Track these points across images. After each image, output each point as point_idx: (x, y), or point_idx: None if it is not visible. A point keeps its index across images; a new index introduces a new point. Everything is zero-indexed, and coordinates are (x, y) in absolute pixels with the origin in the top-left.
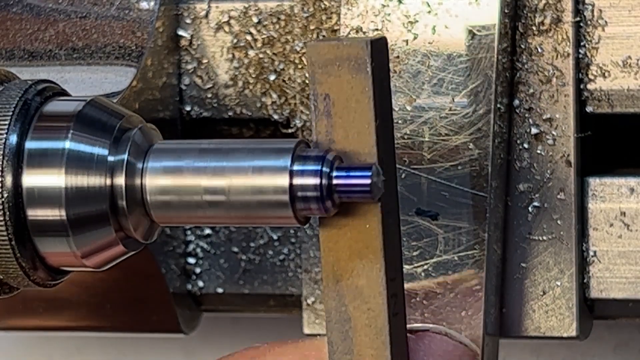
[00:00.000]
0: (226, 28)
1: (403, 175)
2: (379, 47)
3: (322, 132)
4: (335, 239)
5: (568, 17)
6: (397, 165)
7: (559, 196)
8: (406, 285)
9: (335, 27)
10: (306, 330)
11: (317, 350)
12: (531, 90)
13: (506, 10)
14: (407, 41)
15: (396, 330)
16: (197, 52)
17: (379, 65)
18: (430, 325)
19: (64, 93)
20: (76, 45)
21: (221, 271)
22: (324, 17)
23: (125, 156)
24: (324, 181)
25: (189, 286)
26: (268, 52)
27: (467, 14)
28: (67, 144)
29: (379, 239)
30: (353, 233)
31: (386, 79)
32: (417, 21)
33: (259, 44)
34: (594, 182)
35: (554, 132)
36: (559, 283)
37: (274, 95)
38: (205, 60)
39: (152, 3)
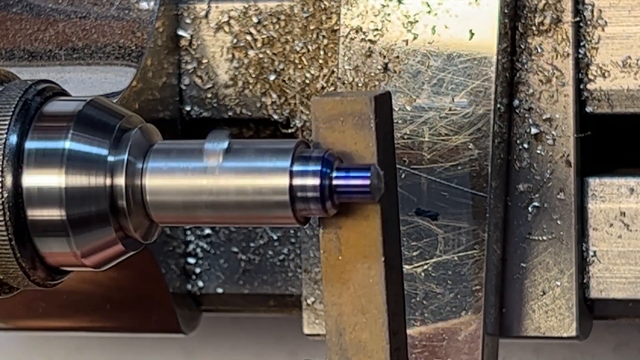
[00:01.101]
0: (226, 28)
1: (403, 175)
2: (382, 102)
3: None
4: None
5: (568, 17)
6: (397, 165)
7: (558, 196)
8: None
9: (335, 27)
10: (306, 331)
11: None
12: (531, 90)
13: (506, 10)
14: (407, 41)
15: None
16: (197, 52)
17: (383, 120)
18: None
19: (64, 93)
20: (76, 45)
21: (221, 271)
22: (324, 17)
23: (125, 156)
24: (324, 182)
25: (189, 286)
26: (268, 52)
27: (467, 14)
28: (67, 144)
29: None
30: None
31: (390, 133)
32: (417, 21)
33: (258, 44)
34: (594, 182)
35: (553, 132)
36: (558, 283)
37: (274, 95)
38: (205, 60)
39: (152, 3)
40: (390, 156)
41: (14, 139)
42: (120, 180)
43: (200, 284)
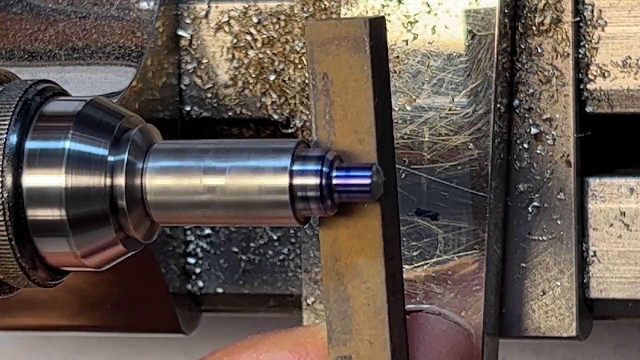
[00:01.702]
0: (226, 28)
1: (403, 175)
2: (377, 26)
3: (320, 110)
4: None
5: (568, 17)
6: (397, 165)
7: (558, 196)
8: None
9: None
10: None
11: (312, 336)
12: (531, 90)
13: (506, 10)
14: (407, 41)
15: (395, 310)
16: (197, 52)
17: (378, 44)
18: (425, 306)
19: (64, 93)
20: (76, 45)
21: (221, 271)
22: (324, 17)
23: (125, 156)
24: (324, 181)
25: (189, 286)
26: (268, 52)
27: (467, 14)
28: (67, 144)
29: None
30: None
31: (384, 58)
32: (417, 21)
33: (258, 44)
34: (594, 182)
35: (553, 132)
36: (558, 283)
37: (274, 95)
38: (205, 60)
39: (152, 3)
40: (386, 84)
41: (14, 139)
42: (120, 180)
43: (200, 284)
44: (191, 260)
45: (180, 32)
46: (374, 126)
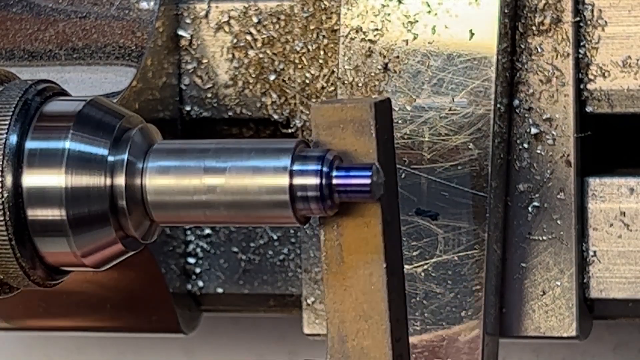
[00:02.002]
0: (226, 28)
1: (403, 175)
2: (382, 109)
3: None
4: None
5: (568, 17)
6: (397, 165)
7: (558, 196)
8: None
9: (335, 27)
10: (306, 331)
11: None
12: (531, 90)
13: (506, 10)
14: (407, 41)
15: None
16: (197, 52)
17: (383, 127)
18: None
19: (64, 93)
20: (76, 45)
21: (221, 271)
22: (324, 17)
23: (125, 156)
24: (324, 181)
25: (189, 286)
26: (268, 52)
27: (467, 14)
28: (67, 144)
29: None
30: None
31: (390, 140)
32: (417, 21)
33: (259, 44)
34: (594, 182)
35: (553, 132)
36: (558, 283)
37: (274, 95)
38: (205, 60)
39: (152, 3)
40: (391, 159)
41: (14, 138)
42: (120, 180)
43: (200, 284)
44: (191, 260)
45: (180, 32)
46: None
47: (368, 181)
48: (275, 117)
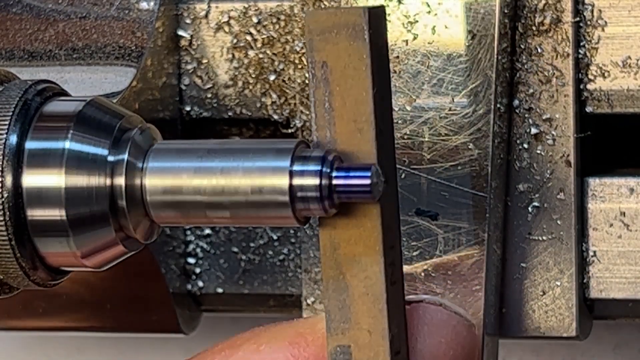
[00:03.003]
0: (226, 28)
1: (403, 175)
2: (376, 15)
3: (319, 99)
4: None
5: (568, 17)
6: (397, 165)
7: (558, 196)
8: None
9: None
10: None
11: (311, 327)
12: (531, 90)
13: (506, 11)
14: (407, 41)
15: (394, 299)
16: (197, 52)
17: (377, 33)
18: (425, 296)
19: (64, 93)
20: (76, 45)
21: (221, 271)
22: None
23: (125, 156)
24: (324, 181)
25: (189, 286)
26: (268, 52)
27: (467, 14)
28: (67, 144)
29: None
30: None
31: (384, 46)
32: (417, 21)
33: (258, 44)
34: (594, 182)
35: (553, 132)
36: (558, 283)
37: (274, 96)
38: (205, 61)
39: (152, 3)
40: (385, 73)
41: (14, 139)
42: (121, 180)
43: (200, 284)
44: (191, 260)
45: (180, 32)
46: (373, 114)
47: (368, 182)
48: (275, 117)
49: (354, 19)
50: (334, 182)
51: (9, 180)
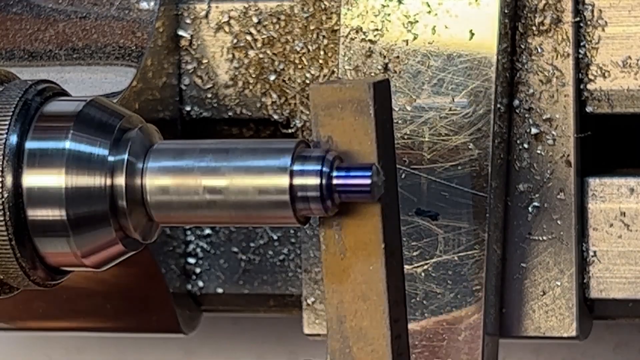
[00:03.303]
0: (226, 28)
1: (403, 175)
2: (381, 89)
3: None
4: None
5: (568, 17)
6: (397, 165)
7: (558, 196)
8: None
9: (335, 27)
10: (306, 331)
11: None
12: (531, 90)
13: (506, 10)
14: (407, 41)
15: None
16: (197, 52)
17: (382, 107)
18: None
19: (64, 93)
20: (76, 45)
21: (221, 271)
22: (324, 17)
23: (126, 156)
24: (324, 181)
25: (189, 286)
26: (268, 52)
27: (467, 14)
28: (67, 144)
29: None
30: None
31: (389, 120)
32: (417, 21)
33: (259, 44)
34: (594, 182)
35: (554, 132)
36: (558, 283)
37: (274, 95)
38: (205, 61)
39: (152, 3)
40: (390, 148)
41: (14, 139)
42: (121, 180)
43: (200, 284)
44: (191, 260)
45: (181, 32)
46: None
47: (368, 181)
48: (275, 117)
49: (358, 94)
50: (334, 181)
51: (9, 180)
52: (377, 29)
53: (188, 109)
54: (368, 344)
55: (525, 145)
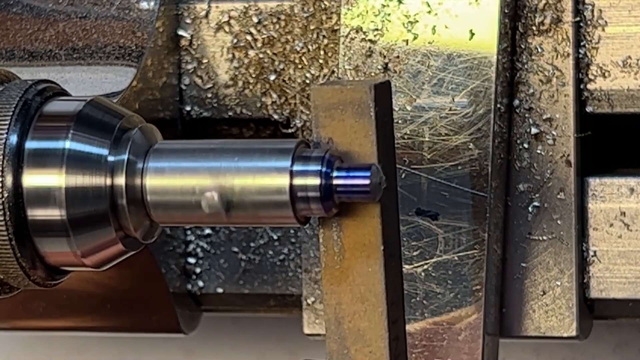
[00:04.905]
0: (226, 28)
1: (403, 175)
2: (382, 91)
3: None
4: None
5: (568, 17)
6: (397, 165)
7: (559, 196)
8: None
9: (336, 27)
10: (306, 331)
11: None
12: (531, 90)
13: (506, 10)
14: (407, 41)
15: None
16: (197, 52)
17: (382, 109)
18: None
19: (64, 93)
20: (76, 45)
21: (221, 271)
22: (324, 17)
23: (126, 156)
24: (324, 181)
25: (189, 286)
26: (268, 52)
27: (467, 14)
28: (68, 144)
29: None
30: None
31: (389, 122)
32: (417, 21)
33: (259, 44)
34: (594, 182)
35: (554, 132)
36: (559, 283)
37: (274, 95)
38: (205, 60)
39: (152, 3)
40: (390, 149)
41: (14, 138)
42: (121, 180)
43: (200, 283)
44: (191, 260)
45: (181, 32)
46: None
47: (368, 182)
48: (276, 117)
49: (359, 95)
50: (334, 182)
51: (9, 180)
52: (377, 29)
53: (188, 108)
54: (366, 346)
55: (526, 145)
